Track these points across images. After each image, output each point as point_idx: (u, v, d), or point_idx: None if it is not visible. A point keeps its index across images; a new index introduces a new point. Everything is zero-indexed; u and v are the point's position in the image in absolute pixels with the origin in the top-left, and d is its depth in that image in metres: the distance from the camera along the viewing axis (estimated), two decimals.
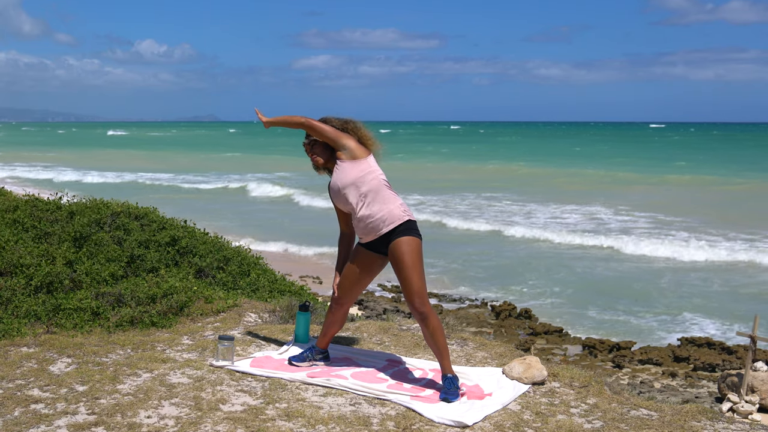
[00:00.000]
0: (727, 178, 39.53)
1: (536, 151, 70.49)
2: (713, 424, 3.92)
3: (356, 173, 4.27)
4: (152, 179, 40.47)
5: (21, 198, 7.75)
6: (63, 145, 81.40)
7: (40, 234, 6.57)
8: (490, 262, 18.67)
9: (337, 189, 4.34)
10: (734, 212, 27.15)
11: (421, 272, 4.24)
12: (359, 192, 4.26)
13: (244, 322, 5.67)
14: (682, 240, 21.52)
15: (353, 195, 4.28)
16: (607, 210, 28.21)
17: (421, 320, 4.22)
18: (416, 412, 3.97)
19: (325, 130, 4.34)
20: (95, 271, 6.01)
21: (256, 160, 55.68)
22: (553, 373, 4.57)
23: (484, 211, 28.00)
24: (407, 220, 4.28)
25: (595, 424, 3.89)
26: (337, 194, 4.36)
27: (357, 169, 4.28)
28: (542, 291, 15.86)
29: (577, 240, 21.74)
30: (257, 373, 4.49)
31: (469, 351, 5.11)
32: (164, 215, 7.62)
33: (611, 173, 43.56)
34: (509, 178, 41.97)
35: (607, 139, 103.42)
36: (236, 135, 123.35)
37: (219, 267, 6.90)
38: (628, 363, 11.64)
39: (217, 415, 3.85)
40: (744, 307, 14.43)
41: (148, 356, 4.74)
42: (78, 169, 45.78)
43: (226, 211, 26.42)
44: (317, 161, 4.45)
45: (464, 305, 14.73)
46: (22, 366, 4.50)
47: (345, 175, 4.29)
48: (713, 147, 77.18)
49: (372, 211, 4.26)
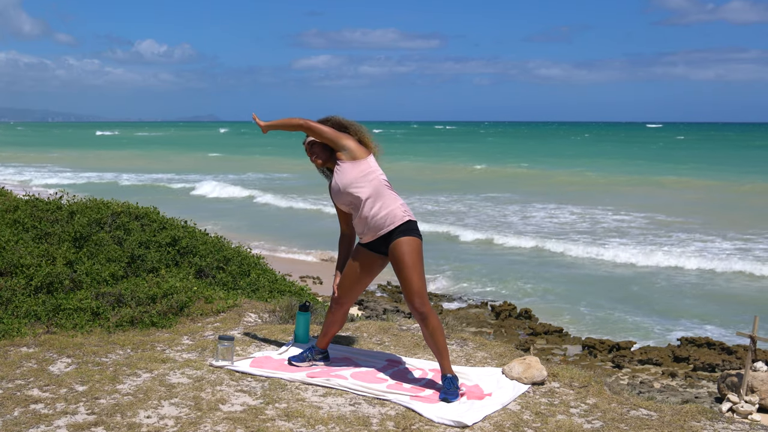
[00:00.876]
0: (713, 180, 39.30)
1: (519, 151, 70.44)
2: (713, 424, 3.92)
3: (356, 173, 4.27)
4: (113, 178, 40.99)
5: (21, 198, 7.76)
6: (49, 145, 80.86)
7: (41, 234, 6.57)
8: (490, 263, 18.67)
9: (337, 189, 4.34)
10: (730, 214, 27.16)
11: (422, 272, 4.24)
12: (359, 192, 4.26)
13: (244, 322, 5.67)
14: (682, 241, 21.54)
15: (353, 195, 4.28)
16: (604, 211, 28.22)
17: (421, 320, 4.23)
18: (416, 412, 3.97)
19: (323, 131, 4.33)
20: (95, 271, 6.01)
21: (232, 161, 55.74)
22: (552, 373, 4.57)
23: (474, 210, 28.03)
24: (408, 221, 4.29)
25: (595, 424, 3.89)
26: (337, 194, 4.36)
27: (357, 169, 4.27)
28: (542, 291, 15.87)
29: (574, 238, 21.76)
30: (257, 373, 4.49)
31: (469, 351, 5.11)
32: (164, 215, 7.62)
33: (585, 174, 43.29)
34: (467, 178, 42.00)
35: (599, 139, 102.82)
36: (227, 135, 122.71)
37: (219, 267, 6.91)
38: (628, 363, 11.65)
39: (216, 415, 3.85)
40: (744, 307, 14.43)
41: (148, 356, 4.75)
42: (41, 169, 46.20)
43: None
44: (316, 162, 4.44)
45: (464, 305, 14.74)
46: (21, 366, 4.50)
47: (345, 176, 4.29)
48: (708, 148, 76.99)
49: (372, 212, 4.26)
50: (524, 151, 70.51)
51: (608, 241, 21.18)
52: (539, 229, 23.70)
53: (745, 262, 18.34)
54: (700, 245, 20.66)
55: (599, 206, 29.03)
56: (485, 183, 39.16)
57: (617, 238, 21.83)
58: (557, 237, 21.95)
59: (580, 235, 22.54)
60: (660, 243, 21.01)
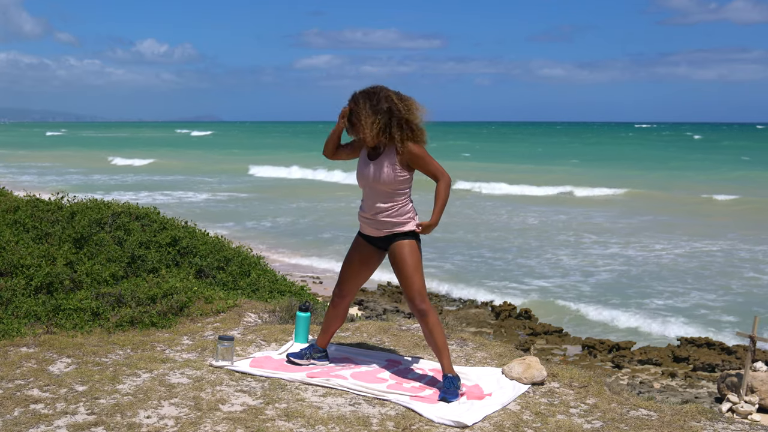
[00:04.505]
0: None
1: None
2: (713, 424, 3.93)
3: (404, 181, 4.24)
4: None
5: (22, 198, 7.76)
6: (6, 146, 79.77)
7: (41, 234, 6.58)
8: (490, 263, 18.68)
9: (371, 177, 4.24)
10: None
11: (422, 272, 4.32)
12: (391, 193, 4.24)
13: (243, 322, 5.67)
14: (682, 241, 21.55)
15: (384, 192, 4.24)
16: (602, 211, 28.24)
17: (421, 317, 4.26)
18: (416, 412, 3.97)
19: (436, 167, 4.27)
20: (96, 271, 6.01)
21: (169, 163, 55.20)
22: (552, 373, 4.58)
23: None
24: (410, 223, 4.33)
25: (595, 424, 3.89)
26: (366, 179, 4.27)
27: (407, 178, 4.25)
28: (542, 291, 15.88)
29: (572, 238, 21.79)
30: (257, 373, 4.49)
31: (469, 351, 5.11)
32: (165, 215, 7.63)
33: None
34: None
35: (655, 141, 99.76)
36: (203, 137, 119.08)
37: (219, 267, 6.91)
38: (628, 363, 11.65)
39: (216, 415, 3.85)
40: (744, 308, 14.44)
41: (147, 356, 4.75)
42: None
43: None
44: (365, 136, 4.19)
45: (464, 305, 14.74)
46: (21, 366, 4.51)
47: (391, 176, 4.20)
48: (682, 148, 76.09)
49: (385, 206, 4.26)
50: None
51: (607, 242, 21.13)
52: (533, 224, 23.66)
53: (745, 260, 18.30)
54: (701, 245, 20.61)
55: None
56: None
57: (615, 239, 21.77)
58: (552, 234, 21.92)
59: (579, 233, 22.47)
60: (661, 241, 20.97)
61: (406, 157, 4.19)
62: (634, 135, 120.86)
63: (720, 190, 33.51)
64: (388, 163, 4.20)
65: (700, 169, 47.97)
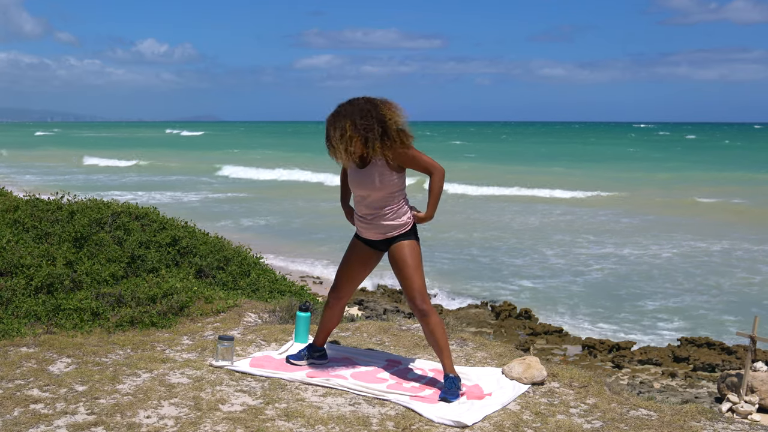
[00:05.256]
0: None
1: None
2: (713, 424, 3.92)
3: (398, 183, 4.23)
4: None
5: (21, 198, 7.76)
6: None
7: (41, 234, 6.57)
8: (490, 263, 18.68)
9: (365, 184, 4.22)
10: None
11: (422, 272, 4.33)
12: (386, 199, 4.23)
13: (244, 322, 5.67)
14: (682, 241, 21.54)
15: (380, 200, 4.23)
16: (599, 211, 28.24)
17: (422, 317, 4.26)
18: (416, 412, 3.97)
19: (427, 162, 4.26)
20: (95, 271, 6.01)
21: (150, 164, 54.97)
22: (552, 373, 4.58)
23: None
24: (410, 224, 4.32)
25: (595, 424, 3.89)
26: (360, 186, 4.24)
27: (401, 181, 4.25)
28: (542, 291, 15.87)
29: (569, 238, 21.77)
30: (257, 373, 4.49)
31: (469, 351, 5.11)
32: (165, 215, 7.62)
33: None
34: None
35: (656, 142, 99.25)
36: (192, 137, 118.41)
37: (219, 267, 6.91)
38: (628, 363, 11.65)
39: (216, 415, 3.85)
40: (743, 308, 14.43)
41: (147, 356, 4.75)
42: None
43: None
44: (357, 150, 4.13)
45: (464, 305, 14.74)
46: (21, 366, 4.50)
47: (385, 181, 4.17)
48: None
49: (383, 211, 4.26)
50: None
51: (606, 241, 21.13)
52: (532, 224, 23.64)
53: (745, 260, 18.29)
54: (701, 245, 20.61)
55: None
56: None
57: (614, 238, 21.74)
58: (549, 233, 21.91)
59: (578, 233, 22.50)
60: (660, 242, 20.97)
61: (396, 161, 4.17)
62: (635, 135, 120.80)
63: (705, 193, 33.25)
64: (380, 170, 4.17)
65: (691, 170, 47.80)
